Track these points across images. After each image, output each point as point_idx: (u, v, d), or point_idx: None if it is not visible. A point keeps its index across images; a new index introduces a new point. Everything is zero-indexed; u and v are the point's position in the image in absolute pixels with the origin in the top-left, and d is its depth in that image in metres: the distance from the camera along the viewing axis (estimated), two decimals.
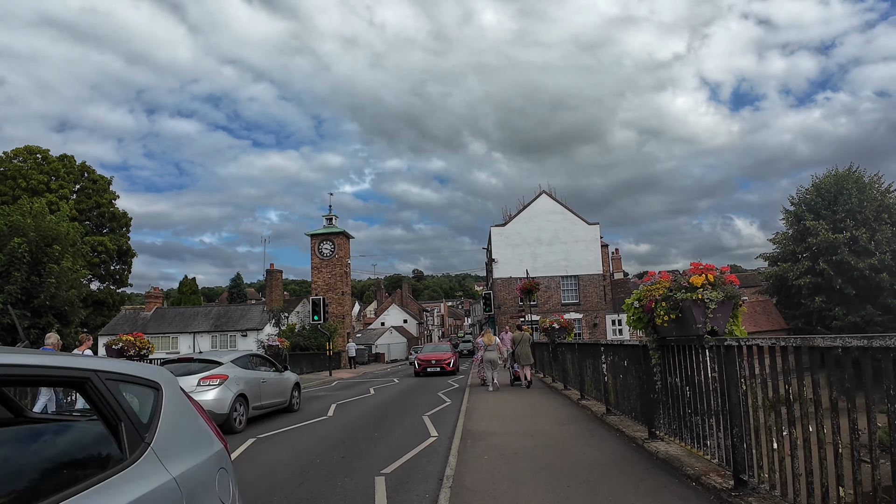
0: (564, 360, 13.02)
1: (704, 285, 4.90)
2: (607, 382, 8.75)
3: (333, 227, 41.97)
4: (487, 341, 16.10)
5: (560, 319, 13.84)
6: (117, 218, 59.39)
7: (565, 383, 13.22)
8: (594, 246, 42.26)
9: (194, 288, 77.50)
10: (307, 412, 13.30)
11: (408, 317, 78.06)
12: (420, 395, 16.72)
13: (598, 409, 9.50)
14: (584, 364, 10.73)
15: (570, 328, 13.92)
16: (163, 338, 41.72)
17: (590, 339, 35.74)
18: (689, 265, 5.26)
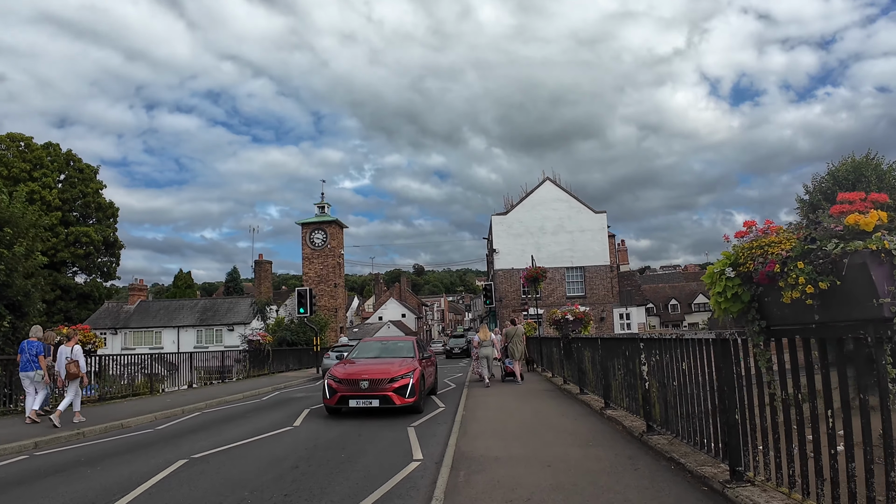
0: (581, 359, 10.78)
1: (880, 227, 2.67)
2: (649, 390, 6.51)
3: (325, 216, 39.73)
4: (483, 336, 16.08)
5: (575, 309, 11.61)
6: (104, 208, 57.08)
7: (582, 386, 10.98)
8: (601, 235, 40.01)
9: (189, 282, 75.47)
10: (272, 420, 11.09)
11: (406, 311, 75.88)
12: None
13: (632, 423, 7.28)
14: (611, 364, 8.49)
15: (587, 320, 11.70)
16: (145, 332, 39.61)
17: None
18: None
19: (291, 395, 16.60)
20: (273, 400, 15.17)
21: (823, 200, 48.00)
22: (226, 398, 15.68)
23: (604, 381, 8.88)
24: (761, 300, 3.39)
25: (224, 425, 10.76)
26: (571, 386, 12.29)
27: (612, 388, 8.44)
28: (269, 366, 25.11)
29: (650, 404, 6.54)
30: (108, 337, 39.84)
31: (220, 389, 17.99)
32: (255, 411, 12.86)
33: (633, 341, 7.36)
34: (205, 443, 8.64)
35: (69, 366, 10.50)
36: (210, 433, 9.82)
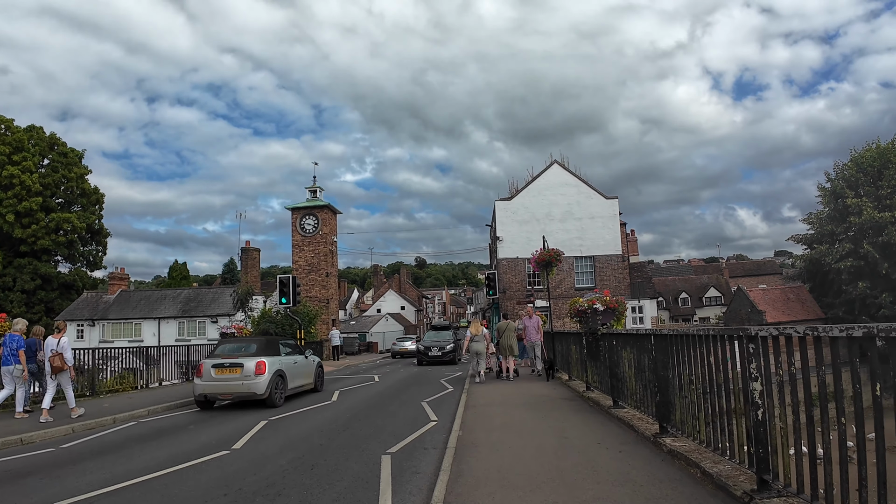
0: (616, 361, 8.16)
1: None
2: (765, 423, 3.88)
3: (318, 200, 37.05)
4: (474, 331, 15.66)
5: (605, 297, 8.96)
6: (88, 194, 54.41)
7: (616, 397, 8.35)
8: (612, 223, 37.31)
9: (185, 273, 72.93)
10: (208, 439, 8.50)
11: (405, 303, 73.28)
12: (398, 403, 11.92)
13: (721, 470, 4.65)
14: (674, 374, 5.86)
15: (622, 310, 9.04)
16: (125, 324, 37.09)
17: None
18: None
19: None
20: (231, 406, 12.57)
21: (847, 188, 45.22)
22: (178, 402, 13.14)
23: (659, 397, 6.24)
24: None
25: (146, 444, 8.17)
26: (598, 394, 9.66)
27: (677, 407, 5.80)
28: None
29: (766, 445, 3.91)
30: (85, 329, 37.34)
31: (178, 391, 15.41)
32: (200, 423, 10.27)
33: (719, 339, 4.74)
34: (100, 475, 6.06)
35: (53, 358, 10.31)
36: (119, 457, 7.26)
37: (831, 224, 45.29)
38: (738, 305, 44.71)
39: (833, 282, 44.17)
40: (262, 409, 11.68)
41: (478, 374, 15.26)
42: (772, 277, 67.42)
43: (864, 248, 41.21)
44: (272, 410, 11.34)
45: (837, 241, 44.36)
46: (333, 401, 12.75)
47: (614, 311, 8.96)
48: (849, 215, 43.23)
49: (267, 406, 11.76)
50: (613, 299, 9.00)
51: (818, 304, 44.77)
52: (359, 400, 12.82)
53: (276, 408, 11.66)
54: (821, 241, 45.73)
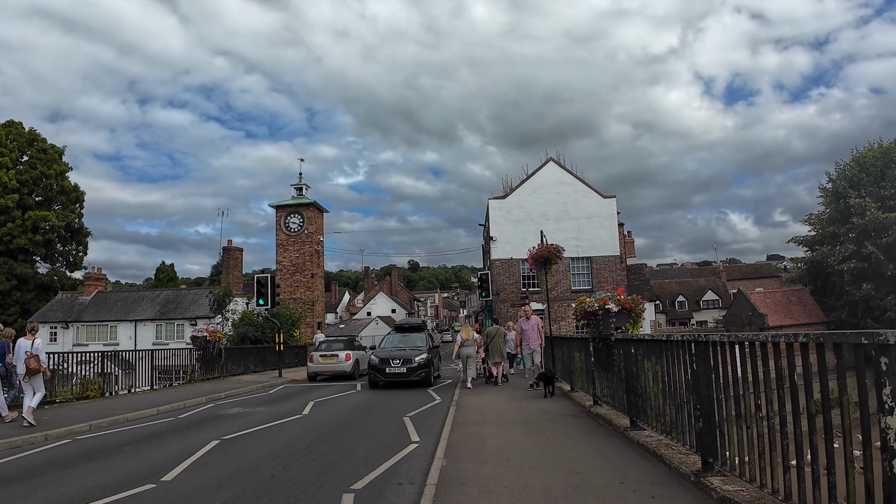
0: (636, 374, 6.69)
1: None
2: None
3: (303, 198, 35.51)
4: (465, 335, 15.75)
5: (619, 296, 7.48)
6: (67, 192, 52.50)
7: (635, 416, 6.88)
8: (610, 223, 35.94)
9: (172, 274, 70.98)
10: (138, 465, 6.96)
11: (396, 306, 71.65)
12: (377, 419, 10.40)
13: None
14: (728, 394, 4.41)
15: (639, 311, 7.54)
16: (99, 327, 35.32)
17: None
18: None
19: (221, 411, 12.45)
20: (185, 421, 11.02)
21: (849, 188, 44.09)
22: (128, 416, 11.59)
23: (702, 423, 4.77)
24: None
25: (67, 471, 6.63)
26: (609, 411, 8.19)
27: (731, 438, 4.34)
28: (221, 368, 20.93)
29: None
30: (58, 331, 35.57)
31: (128, 402, 13.81)
32: (142, 443, 8.71)
33: (813, 347, 3.28)
34: None
35: (29, 360, 10.00)
36: (27, 487, 5.73)
37: (833, 225, 44.16)
38: (739, 308, 43.46)
39: (835, 284, 43.01)
40: (220, 426, 10.15)
41: (468, 379, 15.31)
42: (769, 280, 66.35)
43: (868, 249, 40.08)
44: (229, 428, 9.80)
45: (839, 242, 43.22)
46: (304, 414, 11.21)
47: (630, 312, 7.50)
48: (851, 216, 42.10)
49: (349, 379, 19.29)
50: (629, 298, 7.54)
51: (820, 307, 43.58)
52: (333, 414, 11.28)
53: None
54: (822, 242, 44.60)
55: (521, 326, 13.33)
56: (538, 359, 13.28)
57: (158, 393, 16.24)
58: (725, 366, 4.56)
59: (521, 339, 13.37)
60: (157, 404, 13.25)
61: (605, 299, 7.54)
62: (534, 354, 13.21)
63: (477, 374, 16.55)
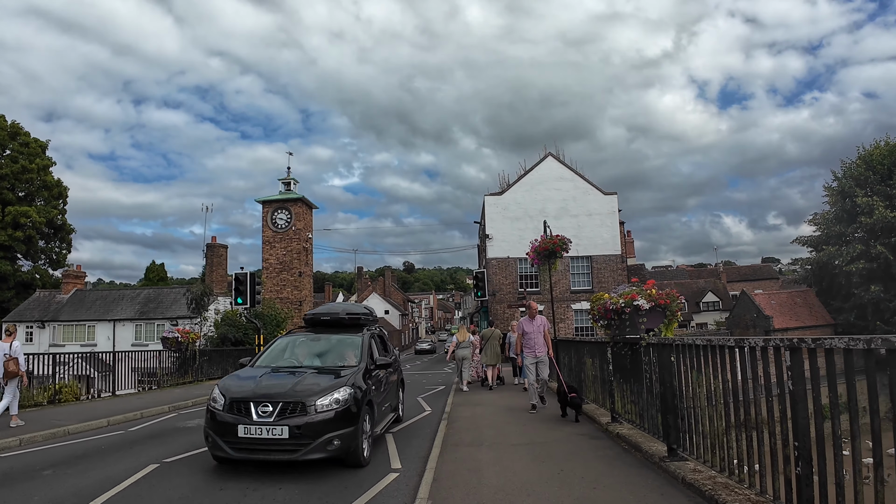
0: (676, 389, 5.19)
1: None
2: None
3: (291, 193, 33.92)
4: (461, 337, 15.51)
5: (649, 290, 5.96)
6: (50, 187, 50.66)
7: (674, 444, 5.37)
8: (611, 220, 34.51)
9: (162, 274, 69.21)
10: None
11: (390, 307, 69.97)
12: None
13: None
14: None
15: (675, 309, 6.00)
16: (77, 326, 33.61)
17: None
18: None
19: (181, 422, 10.90)
20: (133, 436, 9.46)
21: (856, 187, 42.78)
22: (70, 428, 10.06)
23: (801, 466, 3.28)
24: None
25: None
26: (633, 432, 6.68)
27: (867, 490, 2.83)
28: (196, 371, 19.35)
29: None
30: (34, 331, 33.87)
31: (80, 410, 12.23)
32: (63, 466, 7.16)
33: None
34: None
35: (7, 363, 9.77)
36: None
37: (839, 224, 42.87)
38: (743, 310, 42.07)
39: (842, 285, 41.71)
40: (169, 443, 8.62)
41: (464, 382, 14.96)
42: (768, 282, 65.07)
43: (877, 250, 38.76)
44: (176, 447, 8.26)
45: (846, 242, 41.92)
46: None
47: (665, 310, 6.00)
48: (858, 215, 40.80)
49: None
50: (663, 293, 6.03)
51: (826, 309, 42.25)
52: None
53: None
54: (828, 242, 43.30)
55: (523, 328, 9.80)
56: (545, 372, 9.73)
57: (118, 400, 14.66)
58: (834, 385, 3.08)
59: (522, 343, 9.85)
60: (112, 413, 11.74)
61: (632, 294, 6.04)
62: (539, 365, 9.60)
63: (477, 378, 16.25)
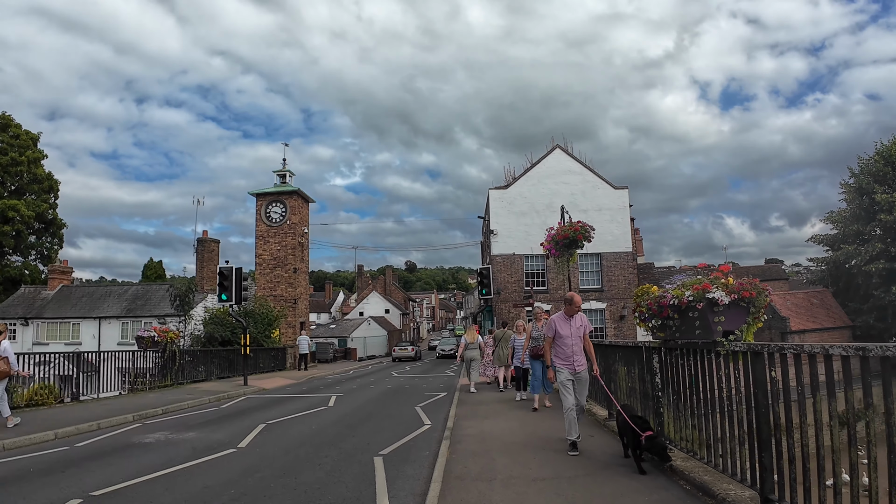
0: (786, 416, 3.49)
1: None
2: None
3: (286, 186, 32.34)
4: (470, 338, 15.48)
5: (726, 281, 4.34)
6: (40, 180, 49.14)
7: (770, 492, 3.71)
8: (622, 216, 32.92)
9: (160, 272, 67.89)
10: None
11: (390, 306, 68.36)
12: (329, 465, 7.25)
13: None
14: None
15: (761, 303, 4.42)
16: (61, 324, 32.07)
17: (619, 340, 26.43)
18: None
19: (137, 437, 9.29)
20: (71, 455, 7.86)
21: (874, 183, 41.07)
22: (6, 442, 8.47)
23: None
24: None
25: None
26: (694, 465, 5.08)
27: None
28: (175, 374, 17.76)
29: None
30: (18, 329, 32.33)
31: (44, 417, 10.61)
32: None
33: None
34: None
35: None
36: None
37: (857, 223, 41.16)
38: None
39: (860, 286, 40.00)
40: (108, 467, 7.03)
41: (472, 384, 14.62)
42: (777, 283, 63.22)
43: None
44: (111, 474, 6.65)
45: (864, 241, 40.22)
46: (239, 448, 8.06)
47: (750, 305, 4.40)
48: (878, 212, 39.10)
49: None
50: (746, 282, 4.42)
51: (843, 310, 40.54)
52: (280, 447, 8.13)
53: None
54: (845, 241, 41.60)
55: (557, 329, 6.72)
56: (584, 395, 6.86)
57: (83, 406, 13.06)
58: None
59: (550, 347, 6.87)
60: (65, 424, 10.17)
61: (705, 284, 4.44)
62: (577, 385, 6.68)
63: (488, 380, 16.02)
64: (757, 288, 4.42)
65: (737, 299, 4.35)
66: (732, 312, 4.39)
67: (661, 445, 5.21)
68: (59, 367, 15.50)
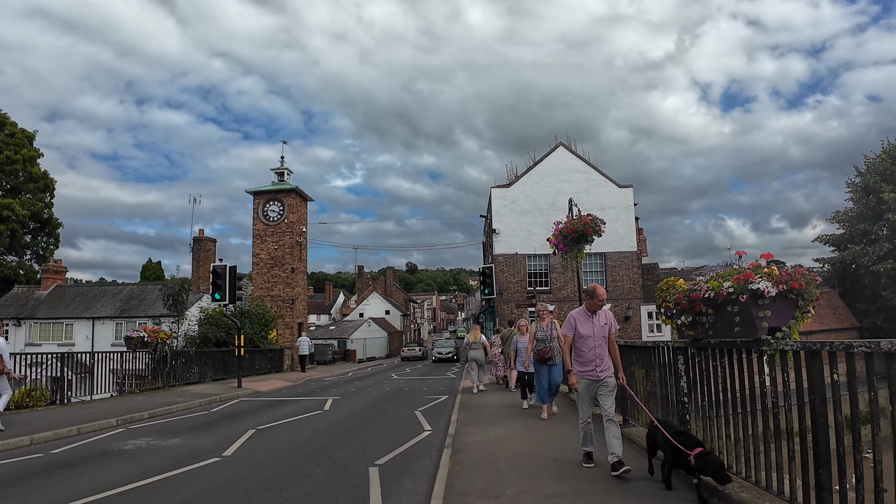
0: (853, 428, 2.87)
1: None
2: None
3: (284, 184, 31.75)
4: (472, 338, 15.27)
5: (769, 269, 3.74)
6: (35, 179, 48.58)
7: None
8: (626, 215, 32.35)
9: (158, 272, 67.42)
10: None
11: (391, 307, 67.71)
12: (319, 477, 6.65)
13: None
14: None
15: (812, 295, 3.83)
16: (54, 325, 31.48)
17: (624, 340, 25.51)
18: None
19: (116, 444, 8.68)
20: (44, 463, 7.26)
21: (882, 182, 40.45)
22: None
23: None
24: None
25: None
26: (746, 487, 4.43)
27: None
28: (166, 375, 17.16)
29: None
30: (10, 329, 31.74)
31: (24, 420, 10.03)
32: None
33: None
34: None
35: None
36: None
37: (864, 222, 40.53)
38: None
39: (867, 286, 39.36)
40: (79, 479, 6.43)
41: (475, 385, 14.64)
42: None
43: None
44: (82, 487, 6.05)
45: (871, 241, 39.58)
46: (225, 456, 7.46)
47: (799, 297, 3.81)
48: (885, 212, 38.48)
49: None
50: (794, 270, 3.83)
51: (850, 311, 39.90)
52: (267, 455, 7.53)
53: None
54: (852, 240, 40.96)
55: (577, 327, 5.69)
56: (610, 404, 5.60)
57: (64, 410, 12.46)
58: None
59: (569, 349, 5.80)
60: (44, 429, 9.58)
61: (745, 273, 3.84)
62: (600, 394, 5.60)
63: (496, 380, 16.00)
64: (807, 277, 3.82)
65: (785, 290, 3.75)
66: (779, 306, 3.79)
67: (716, 464, 4.18)
68: (51, 368, 15.04)
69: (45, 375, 14.66)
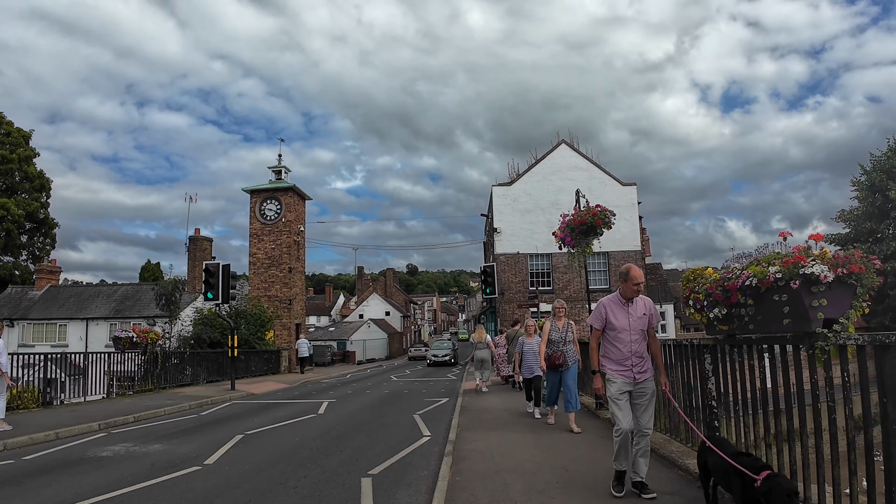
0: None
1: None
2: None
3: (281, 182, 31.19)
4: (478, 338, 15.49)
5: (822, 252, 3.16)
6: (31, 179, 48.09)
7: None
8: (630, 213, 31.70)
9: (157, 274, 66.99)
10: None
11: (391, 308, 67.11)
12: (307, 489, 6.07)
13: None
14: None
15: (872, 282, 3.25)
16: (48, 325, 30.92)
17: None
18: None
19: (93, 450, 8.10)
20: (19, 469, 6.67)
21: (888, 180, 39.87)
22: None
23: None
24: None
25: None
26: None
27: None
28: (157, 377, 16.60)
29: None
30: (3, 329, 31.17)
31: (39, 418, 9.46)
32: None
33: None
34: None
35: None
36: None
37: (870, 221, 39.93)
38: None
39: None
40: (46, 488, 5.84)
41: (481, 385, 14.71)
42: None
43: None
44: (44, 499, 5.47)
45: (878, 240, 38.99)
46: (206, 465, 6.88)
47: (859, 282, 3.25)
48: (892, 210, 37.90)
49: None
50: (852, 253, 3.26)
51: None
52: (254, 463, 6.95)
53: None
54: (858, 240, 40.36)
55: (608, 317, 4.71)
56: (649, 417, 4.66)
57: (47, 413, 11.89)
58: None
59: (597, 344, 5.01)
60: (22, 433, 9.00)
61: (797, 256, 3.28)
62: (636, 401, 4.62)
63: (501, 379, 16.06)
64: (866, 261, 3.25)
65: (843, 275, 3.18)
66: (836, 294, 3.22)
67: (789, 489, 3.16)
68: (43, 369, 14.57)
69: (38, 377, 14.22)
